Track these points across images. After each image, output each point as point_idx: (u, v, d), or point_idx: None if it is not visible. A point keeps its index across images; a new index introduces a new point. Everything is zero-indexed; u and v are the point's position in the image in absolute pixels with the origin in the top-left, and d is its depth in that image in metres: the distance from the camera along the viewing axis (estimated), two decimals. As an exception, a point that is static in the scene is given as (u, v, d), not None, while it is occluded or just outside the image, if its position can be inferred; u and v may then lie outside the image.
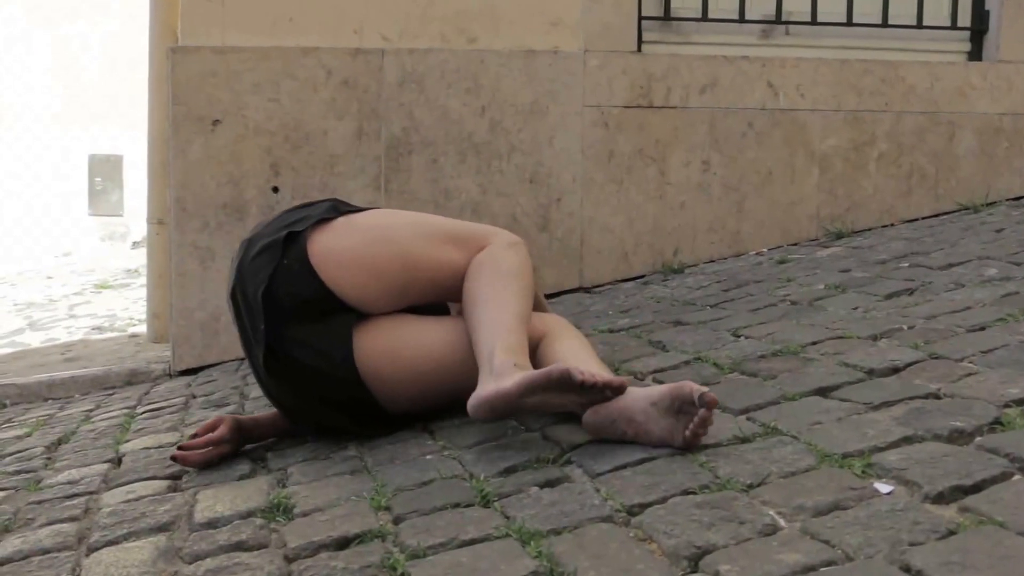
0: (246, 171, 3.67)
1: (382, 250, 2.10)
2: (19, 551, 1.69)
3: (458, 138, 3.84)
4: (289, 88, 3.71)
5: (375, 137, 3.76)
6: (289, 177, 3.69)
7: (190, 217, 3.65)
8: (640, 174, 4.01)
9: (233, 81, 3.67)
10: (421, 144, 3.80)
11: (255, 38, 3.71)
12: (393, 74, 3.78)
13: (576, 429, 1.84)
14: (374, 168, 3.76)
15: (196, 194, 3.65)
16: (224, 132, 3.66)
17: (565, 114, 3.94)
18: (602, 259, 4.00)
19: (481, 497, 1.56)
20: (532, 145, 3.91)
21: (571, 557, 1.28)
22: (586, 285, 3.97)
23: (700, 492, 1.42)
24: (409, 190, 3.79)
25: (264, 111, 3.69)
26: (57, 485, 2.14)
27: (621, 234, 4.01)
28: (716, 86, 4.05)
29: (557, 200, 3.94)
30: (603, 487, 1.52)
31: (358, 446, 2.02)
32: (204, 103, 3.65)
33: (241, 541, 1.55)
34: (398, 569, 1.34)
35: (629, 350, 2.53)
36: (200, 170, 3.65)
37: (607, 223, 3.99)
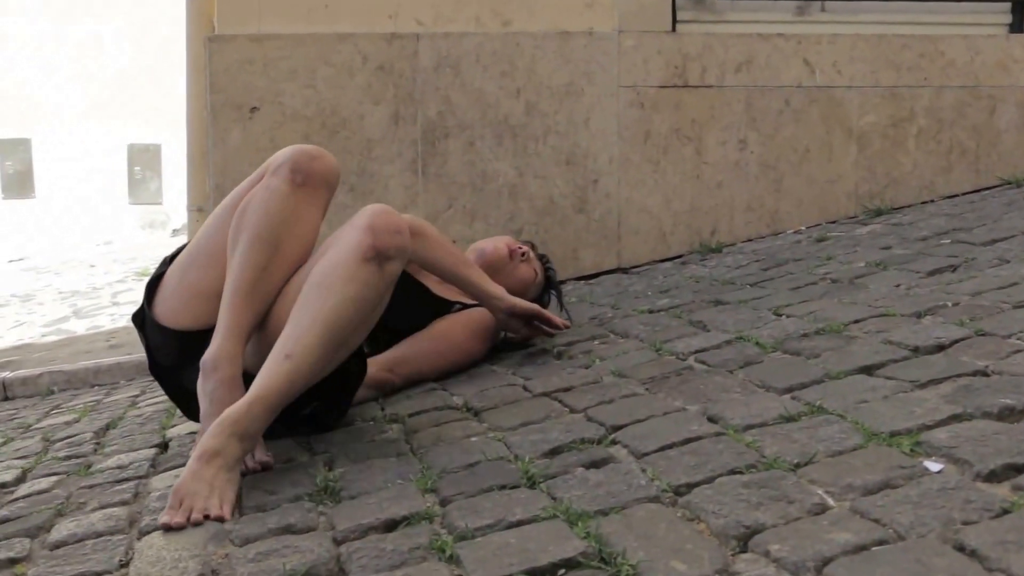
0: (284, 157, 3.70)
1: (196, 273, 2.09)
2: (73, 534, 1.71)
3: (494, 121, 3.84)
4: (325, 74, 3.72)
5: (411, 121, 3.78)
6: (327, 163, 3.70)
7: (230, 204, 3.68)
8: (676, 154, 4.00)
9: (270, 68, 3.69)
10: (457, 127, 3.81)
11: (291, 25, 3.72)
12: (428, 58, 3.79)
13: (620, 410, 1.85)
14: (411, 152, 3.77)
15: (235, 181, 3.63)
16: (262, 119, 3.69)
17: (601, 95, 3.93)
18: (640, 240, 4.00)
19: (527, 478, 1.56)
20: (568, 127, 3.90)
21: (619, 537, 1.28)
22: (624, 266, 3.97)
23: (747, 471, 1.42)
24: (446, 173, 3.80)
25: (301, 97, 3.71)
26: (107, 470, 2.17)
27: (658, 214, 4.00)
28: (752, 64, 4.02)
29: (594, 181, 3.94)
30: (649, 467, 1.52)
31: (402, 429, 2.03)
32: (241, 91, 3.68)
33: (290, 524, 1.56)
34: (446, 551, 1.34)
35: (670, 330, 2.53)
36: (238, 157, 3.67)
37: (644, 203, 3.99)
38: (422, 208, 3.78)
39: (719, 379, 1.97)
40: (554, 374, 2.28)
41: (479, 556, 1.30)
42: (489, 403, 2.11)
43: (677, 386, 1.98)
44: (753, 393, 1.83)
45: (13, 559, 1.63)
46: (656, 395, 1.94)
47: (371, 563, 1.35)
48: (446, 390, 2.33)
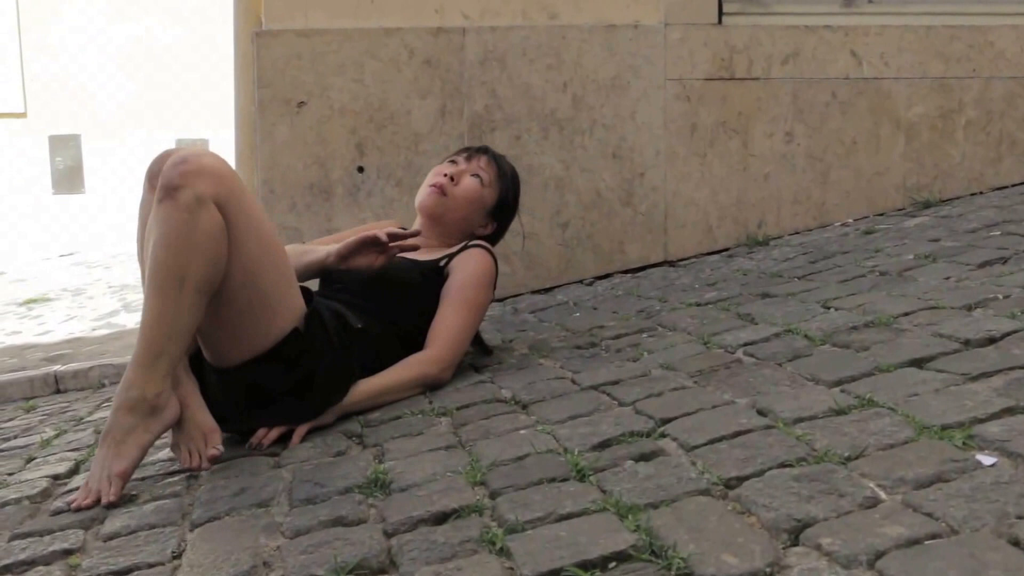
0: (332, 152, 3.73)
1: None
2: (126, 526, 1.74)
3: (541, 114, 3.85)
4: (373, 68, 3.74)
5: (458, 115, 3.79)
6: (374, 157, 3.73)
7: (278, 199, 3.71)
8: (723, 147, 3.98)
9: (317, 63, 3.71)
10: (504, 121, 3.82)
11: (338, 20, 3.75)
12: (475, 52, 3.80)
13: (669, 403, 1.85)
14: (457, 146, 3.78)
15: (283, 176, 3.71)
16: (309, 114, 3.72)
17: (647, 88, 3.92)
18: (686, 233, 3.98)
19: (576, 471, 1.57)
20: (614, 120, 3.90)
21: (670, 530, 1.29)
22: (671, 259, 3.96)
23: (797, 465, 1.42)
24: (492, 167, 3.81)
25: (348, 92, 3.73)
26: (158, 462, 2.19)
27: (705, 207, 3.99)
28: (799, 56, 3.99)
29: (640, 174, 3.93)
30: (699, 460, 1.52)
31: (451, 422, 2.04)
32: (289, 86, 3.71)
33: (341, 516, 1.57)
34: (497, 543, 1.35)
35: (718, 323, 2.52)
36: (286, 152, 3.71)
37: (691, 196, 3.97)
38: (468, 202, 3.80)
39: (768, 372, 1.96)
40: (602, 367, 2.29)
41: (529, 549, 1.31)
42: (537, 396, 2.12)
43: (726, 379, 1.97)
44: (802, 386, 1.82)
45: (68, 550, 1.66)
46: (705, 388, 1.94)
47: (422, 555, 1.36)
48: (494, 383, 2.34)
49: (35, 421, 3.23)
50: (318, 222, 3.70)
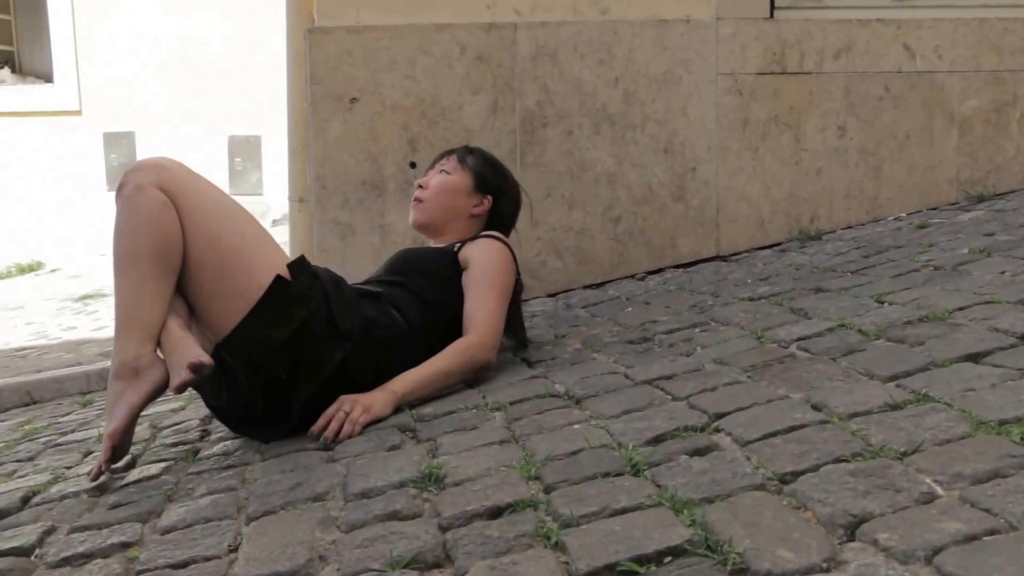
0: (384, 148, 3.75)
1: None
2: (183, 519, 1.76)
3: (592, 109, 3.84)
4: (424, 64, 3.76)
5: (510, 111, 3.80)
6: (426, 152, 3.74)
7: (330, 194, 3.74)
8: (775, 141, 3.96)
9: (369, 60, 3.74)
10: (555, 116, 3.82)
11: (389, 16, 3.77)
12: (526, 47, 3.80)
13: (723, 398, 1.84)
14: (509, 141, 3.79)
15: (336, 172, 3.74)
16: (362, 110, 3.74)
17: (699, 83, 3.90)
18: (738, 227, 3.96)
19: (631, 466, 1.57)
20: (666, 115, 3.89)
21: (725, 525, 1.29)
22: (723, 254, 3.94)
23: (853, 460, 1.41)
24: (544, 163, 3.81)
25: (400, 88, 3.75)
26: (213, 456, 2.23)
27: (757, 202, 3.97)
28: (851, 50, 3.95)
29: (692, 169, 3.92)
30: (753, 455, 1.52)
31: (504, 417, 2.05)
32: (341, 82, 3.73)
33: (396, 511, 1.58)
34: (552, 538, 1.36)
35: (771, 318, 2.51)
36: (339, 148, 3.74)
37: (743, 191, 3.95)
38: (520, 197, 3.80)
39: (822, 367, 1.95)
40: (655, 362, 2.29)
41: (584, 543, 1.32)
42: (591, 391, 2.12)
43: (780, 374, 1.97)
44: (857, 381, 1.81)
45: (126, 543, 1.69)
46: (759, 383, 1.93)
47: (477, 550, 1.37)
48: (547, 378, 2.35)
49: (92, 415, 3.28)
50: (370, 218, 3.73)
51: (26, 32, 12.11)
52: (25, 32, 12.12)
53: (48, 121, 11.14)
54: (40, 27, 11.56)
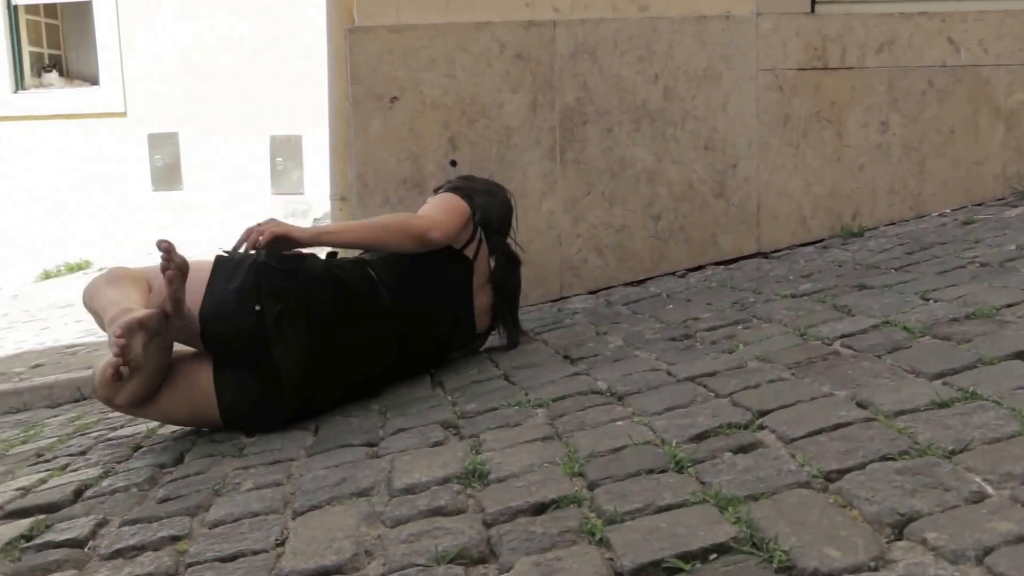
0: (424, 146, 3.76)
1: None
2: (230, 513, 1.78)
3: (632, 106, 3.83)
4: (464, 63, 3.77)
5: (549, 108, 3.79)
6: (467, 150, 3.75)
7: (371, 193, 3.76)
8: (816, 137, 3.93)
9: (409, 58, 3.75)
10: (595, 114, 3.81)
11: (429, 15, 3.78)
12: (566, 45, 3.80)
13: (766, 395, 1.84)
14: (549, 139, 3.79)
15: (377, 170, 3.76)
16: (402, 108, 3.75)
17: (739, 79, 3.88)
18: (779, 224, 3.94)
19: (675, 463, 1.57)
20: (706, 111, 3.87)
21: (771, 523, 1.28)
22: (764, 250, 3.92)
23: (900, 458, 1.40)
24: (584, 160, 3.81)
25: (440, 86, 3.76)
26: (260, 452, 2.24)
27: (799, 198, 3.94)
28: (894, 44, 3.92)
29: (733, 166, 3.90)
30: (798, 453, 1.51)
31: (547, 414, 2.06)
32: (382, 81, 3.75)
33: (440, 506, 1.59)
34: (596, 534, 1.36)
35: (814, 315, 2.49)
36: (380, 146, 3.75)
37: (784, 187, 3.93)
38: (560, 195, 3.80)
39: (867, 364, 1.94)
40: (698, 359, 2.28)
41: (629, 540, 1.32)
42: (633, 388, 2.12)
43: (824, 371, 1.95)
44: (903, 378, 1.79)
45: (175, 536, 1.71)
46: (802, 380, 1.92)
47: (521, 545, 1.38)
48: (589, 375, 2.35)
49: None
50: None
51: (72, 36, 12.27)
52: (71, 36, 12.28)
53: (94, 123, 11.28)
54: (86, 31, 11.70)
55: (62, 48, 12.35)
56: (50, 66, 12.03)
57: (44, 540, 1.82)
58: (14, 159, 11.42)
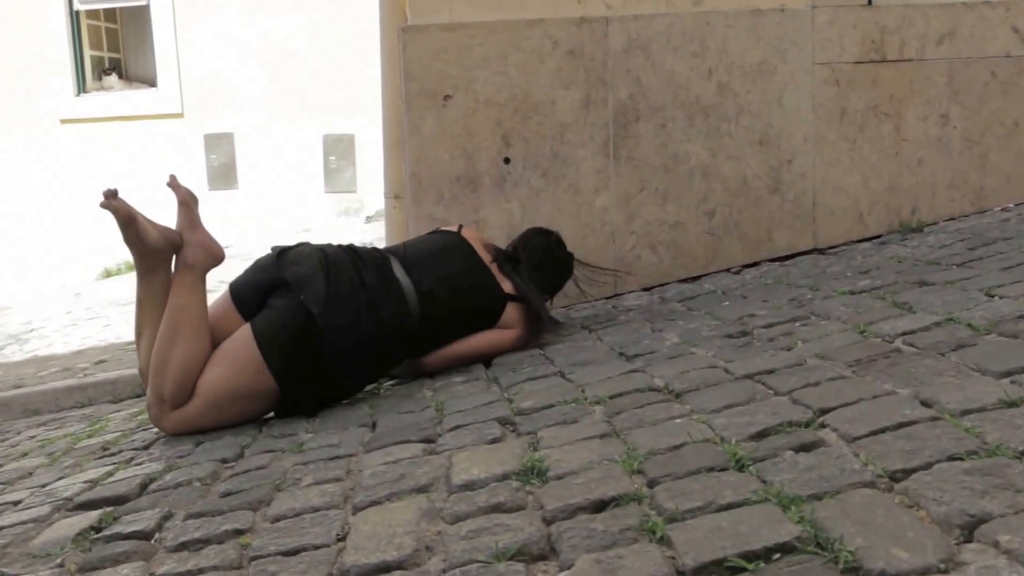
0: (478, 144, 3.76)
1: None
2: (292, 508, 1.79)
3: (685, 102, 3.81)
4: (517, 60, 3.76)
5: (602, 105, 3.78)
6: (520, 148, 3.75)
7: (426, 191, 3.76)
8: (874, 131, 3.88)
9: (462, 56, 3.75)
10: (648, 110, 3.79)
11: (482, 13, 3.77)
12: (618, 41, 3.78)
13: (827, 393, 1.81)
14: (602, 135, 3.77)
15: (431, 168, 3.76)
16: (455, 106, 3.76)
17: (794, 73, 3.84)
18: (836, 220, 3.90)
19: (735, 461, 1.55)
20: (761, 106, 3.84)
21: (835, 523, 1.27)
22: (820, 246, 3.88)
23: (968, 458, 1.37)
24: (638, 156, 3.79)
25: (493, 84, 3.76)
26: (319, 448, 2.25)
27: (856, 193, 3.89)
28: (954, 35, 3.86)
29: (788, 161, 3.86)
30: (862, 452, 1.49)
31: (604, 411, 2.05)
32: (435, 79, 3.75)
33: (499, 503, 1.59)
34: (657, 532, 1.35)
35: (874, 312, 2.46)
36: (434, 144, 3.76)
37: (841, 182, 3.88)
38: (614, 191, 3.79)
39: (930, 362, 1.91)
40: (756, 356, 2.26)
41: (690, 538, 1.31)
42: (691, 385, 2.11)
43: (885, 369, 1.92)
44: (968, 377, 1.76)
45: (238, 530, 1.73)
46: (864, 378, 1.89)
47: (582, 543, 1.37)
48: (646, 372, 2.34)
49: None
50: (465, 213, 3.74)
51: (131, 39, 12.46)
52: (130, 39, 12.48)
53: (152, 124, 11.46)
54: (144, 34, 11.89)
55: (121, 51, 12.55)
56: (110, 69, 12.24)
57: (112, 532, 1.85)
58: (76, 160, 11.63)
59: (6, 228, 11.89)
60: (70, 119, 11.69)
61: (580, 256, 3.37)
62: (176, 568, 1.60)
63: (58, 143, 11.68)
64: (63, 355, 6.17)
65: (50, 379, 5.16)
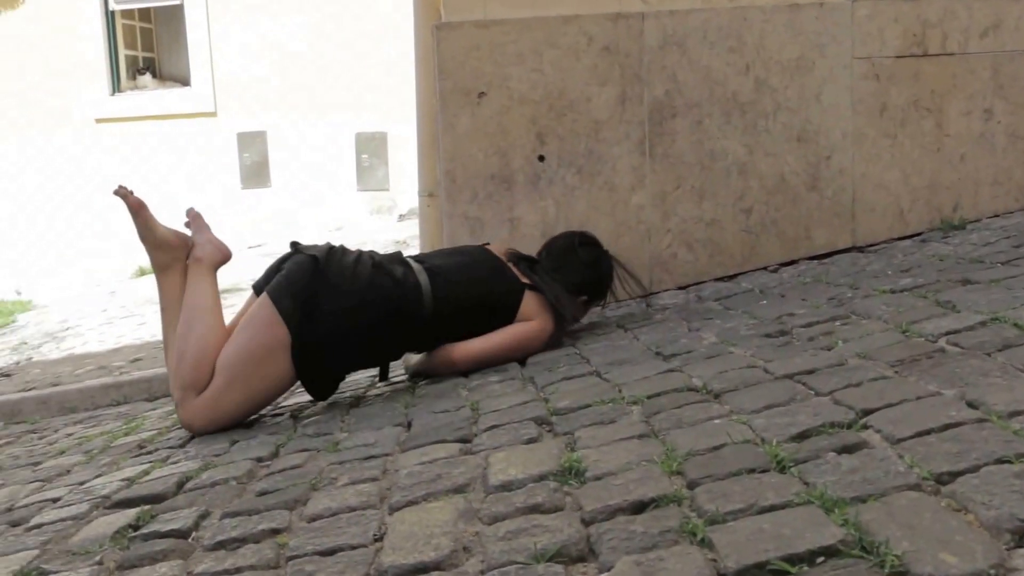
0: (512, 141, 3.74)
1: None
2: (328, 508, 1.78)
3: (722, 98, 3.77)
4: (551, 57, 3.74)
5: (638, 101, 3.75)
6: (555, 145, 3.73)
7: (460, 189, 3.75)
8: (915, 127, 3.83)
9: (496, 53, 3.73)
10: (685, 106, 3.76)
11: (516, 10, 3.75)
12: (654, 37, 3.75)
13: (870, 393, 1.78)
14: (638, 133, 3.75)
15: (465, 166, 3.75)
16: (490, 104, 3.74)
17: (833, 68, 3.80)
18: (876, 217, 3.85)
19: (776, 462, 1.53)
20: (799, 102, 3.79)
21: (880, 526, 1.24)
22: (859, 244, 3.84)
23: (1017, 461, 1.34)
24: (674, 153, 3.76)
25: (528, 81, 3.74)
26: (354, 447, 2.24)
27: (896, 190, 3.84)
28: (1000, 28, 3.80)
29: (827, 158, 3.82)
30: (906, 453, 1.46)
31: (642, 411, 2.03)
32: (469, 76, 3.74)
33: (537, 504, 1.57)
34: (698, 534, 1.33)
35: (916, 311, 2.42)
36: (468, 142, 3.74)
37: (881, 179, 3.83)
38: (650, 188, 3.76)
39: (976, 362, 1.87)
40: (795, 356, 2.23)
41: (732, 541, 1.29)
42: (729, 385, 2.08)
43: (929, 369, 1.89)
44: (1016, 377, 1.73)
45: (275, 529, 1.72)
46: (907, 378, 1.86)
47: (621, 545, 1.35)
48: (683, 371, 2.31)
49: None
50: (499, 211, 3.73)
51: (165, 39, 12.56)
52: (164, 39, 12.58)
53: (185, 123, 11.54)
54: (178, 33, 11.98)
55: (155, 51, 12.65)
56: (144, 68, 12.34)
57: (150, 530, 1.85)
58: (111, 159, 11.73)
59: (42, 227, 12.03)
60: (105, 118, 11.80)
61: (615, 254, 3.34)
62: (214, 567, 1.60)
63: (93, 142, 11.80)
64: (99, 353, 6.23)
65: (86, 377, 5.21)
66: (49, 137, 11.85)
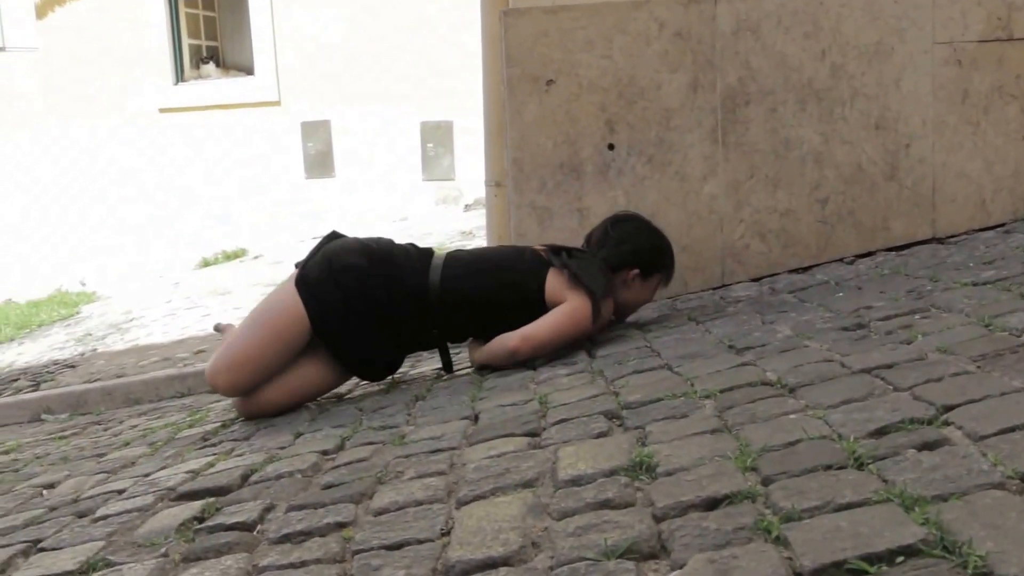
0: (581, 129, 3.70)
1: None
2: (394, 502, 1.77)
3: (797, 85, 3.70)
4: (621, 43, 3.69)
5: (710, 88, 3.69)
6: (625, 133, 3.68)
7: (528, 178, 3.72)
8: (999, 114, 3.72)
9: (565, 40, 3.69)
10: (759, 93, 3.69)
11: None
12: (727, 22, 3.68)
13: (951, 389, 1.73)
14: (710, 120, 3.69)
15: (533, 155, 3.72)
16: (558, 91, 3.71)
17: (913, 53, 3.70)
18: (957, 207, 3.75)
19: (854, 459, 1.49)
20: (877, 88, 3.70)
21: (963, 525, 1.20)
22: (939, 235, 3.74)
23: (1108, 460, 1.29)
24: (747, 142, 3.69)
25: (597, 68, 3.70)
26: (420, 440, 2.23)
27: (978, 180, 3.74)
28: (1088, 11, 3.67)
29: (906, 146, 3.72)
30: (990, 451, 1.41)
31: (715, 405, 1.99)
32: (538, 64, 3.70)
33: (608, 499, 1.55)
34: (773, 532, 1.30)
35: (1000, 304, 2.35)
36: (536, 131, 3.71)
37: (962, 168, 3.73)
38: (722, 178, 3.70)
39: (1063, 357, 1.81)
40: (873, 350, 2.17)
41: (808, 539, 1.25)
42: (805, 379, 2.03)
43: (1014, 364, 1.83)
44: (1108, 374, 1.66)
45: (341, 523, 1.72)
46: (990, 373, 1.80)
47: (694, 542, 1.33)
48: (757, 365, 2.26)
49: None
50: (568, 201, 3.70)
51: (228, 27, 12.67)
52: (227, 27, 12.69)
53: (249, 112, 11.65)
54: (241, 22, 12.08)
55: (219, 39, 12.77)
56: (208, 57, 12.47)
57: (215, 522, 1.85)
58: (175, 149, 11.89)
59: (106, 217, 12.23)
60: (169, 108, 11.96)
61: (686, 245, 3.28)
62: (279, 560, 1.60)
63: (157, 132, 11.95)
64: (163, 344, 6.32)
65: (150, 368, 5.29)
66: (113, 127, 12.03)
